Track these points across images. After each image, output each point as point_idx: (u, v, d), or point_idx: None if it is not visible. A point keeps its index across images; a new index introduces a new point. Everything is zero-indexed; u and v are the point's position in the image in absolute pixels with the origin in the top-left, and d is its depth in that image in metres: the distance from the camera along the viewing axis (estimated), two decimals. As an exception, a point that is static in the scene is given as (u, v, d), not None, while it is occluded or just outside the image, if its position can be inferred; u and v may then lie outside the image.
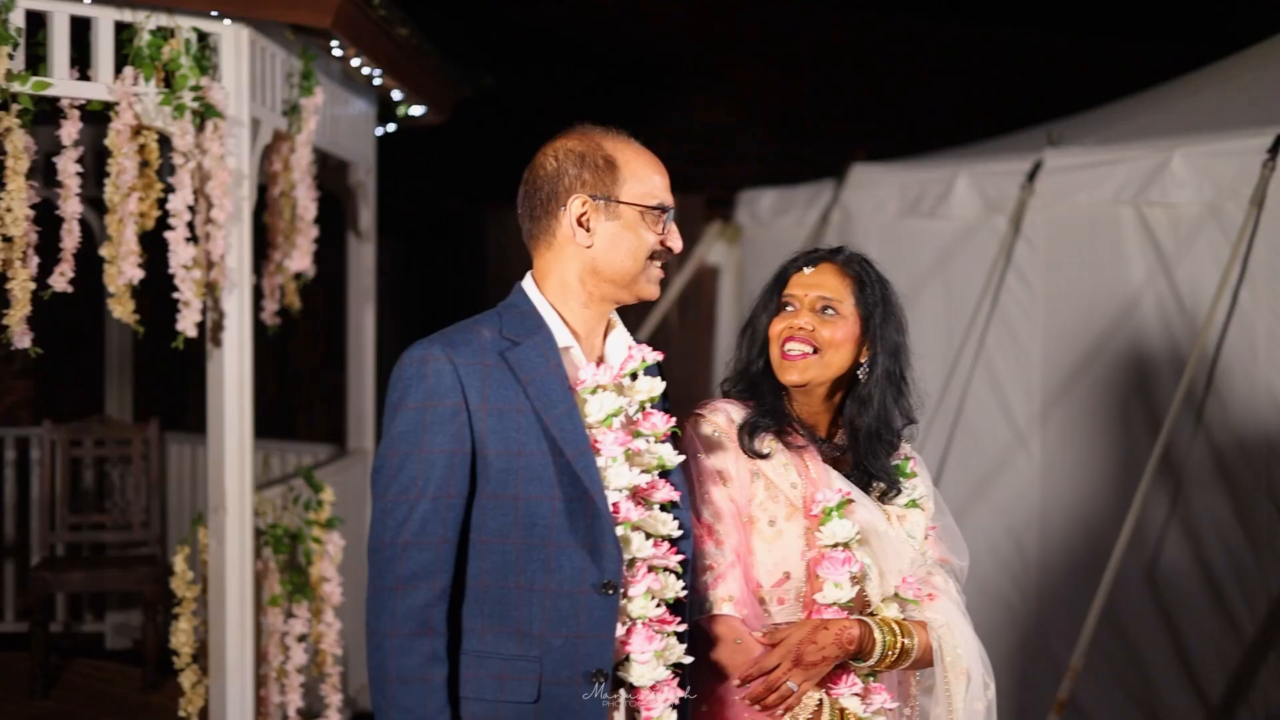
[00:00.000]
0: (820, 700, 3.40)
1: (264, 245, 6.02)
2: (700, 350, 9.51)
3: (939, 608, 3.54)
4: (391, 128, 7.35)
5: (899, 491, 3.61)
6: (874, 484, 3.59)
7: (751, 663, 3.36)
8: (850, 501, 3.45)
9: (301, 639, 5.65)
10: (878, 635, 3.43)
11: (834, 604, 3.41)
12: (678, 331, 9.39)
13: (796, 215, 8.73)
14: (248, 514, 5.30)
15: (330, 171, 6.86)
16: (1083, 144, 7.29)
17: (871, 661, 3.43)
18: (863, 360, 3.54)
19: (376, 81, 6.55)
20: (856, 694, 3.45)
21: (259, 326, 5.72)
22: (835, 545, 3.42)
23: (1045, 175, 7.21)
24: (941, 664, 3.51)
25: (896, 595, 3.54)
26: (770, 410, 3.52)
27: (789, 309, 3.54)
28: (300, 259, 5.97)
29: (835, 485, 3.47)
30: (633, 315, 7.98)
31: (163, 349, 5.24)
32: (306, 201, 5.91)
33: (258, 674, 5.47)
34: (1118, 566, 6.21)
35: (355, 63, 6.20)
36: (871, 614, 3.50)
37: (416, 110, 7.16)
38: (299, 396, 10.83)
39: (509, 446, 3.01)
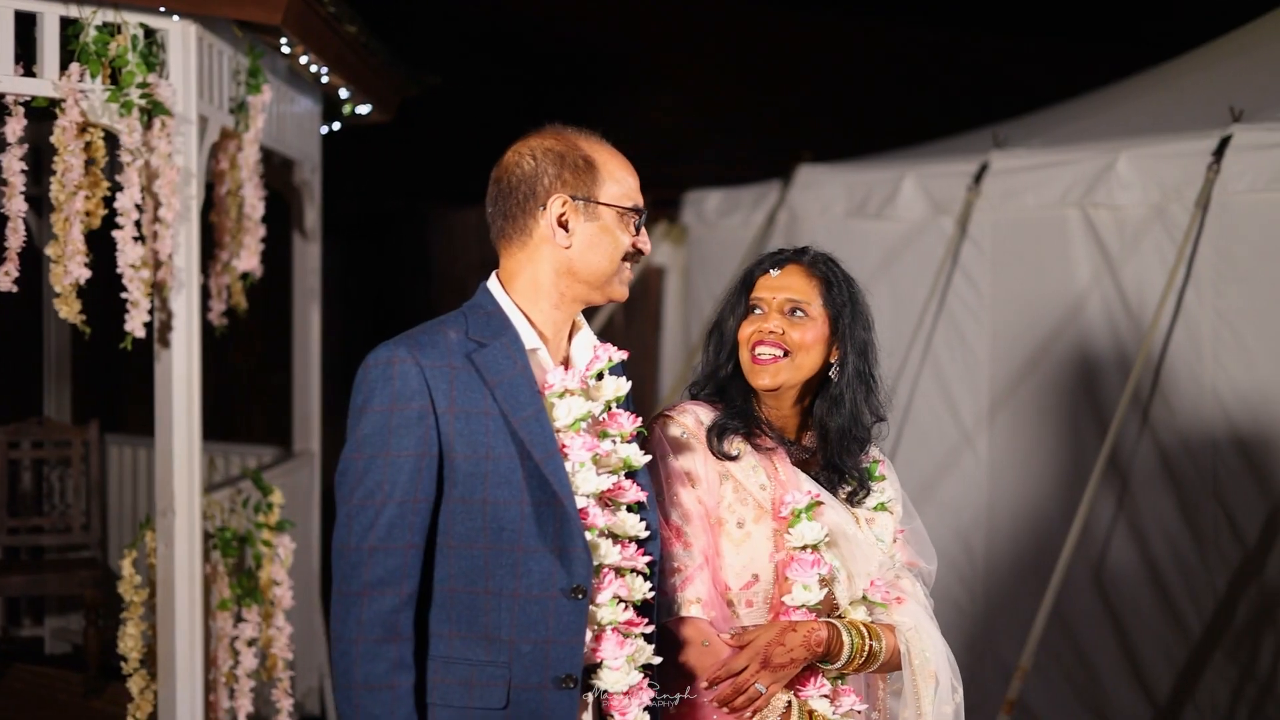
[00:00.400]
0: (789, 702, 3.39)
1: (209, 245, 5.95)
2: (647, 351, 9.48)
3: (907, 611, 3.53)
4: (336, 126, 7.28)
5: (868, 492, 3.60)
6: (842, 485, 3.58)
7: (719, 664, 3.34)
8: (819, 504, 3.44)
9: (251, 643, 5.58)
10: (845, 638, 3.41)
11: (803, 606, 3.40)
12: (623, 332, 9.36)
13: (743, 216, 8.72)
14: (196, 517, 5.23)
15: (274, 170, 6.80)
16: (1028, 146, 7.34)
17: (839, 664, 3.42)
18: (833, 360, 3.53)
19: (324, 79, 6.48)
20: (825, 696, 3.43)
21: (206, 327, 5.65)
22: (804, 547, 3.41)
23: (992, 177, 7.25)
24: (910, 667, 3.50)
25: (865, 598, 3.53)
26: (739, 413, 3.51)
27: (757, 312, 3.53)
28: (248, 258, 5.90)
29: (804, 487, 3.47)
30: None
31: (101, 350, 5.17)
32: (254, 200, 5.84)
33: (207, 679, 5.41)
34: (1066, 566, 6.24)
35: (303, 60, 6.14)
36: (840, 616, 3.49)
37: (363, 109, 7.09)
38: (236, 398, 10.74)
39: (477, 450, 2.97)
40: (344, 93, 6.85)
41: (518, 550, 2.97)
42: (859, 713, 3.52)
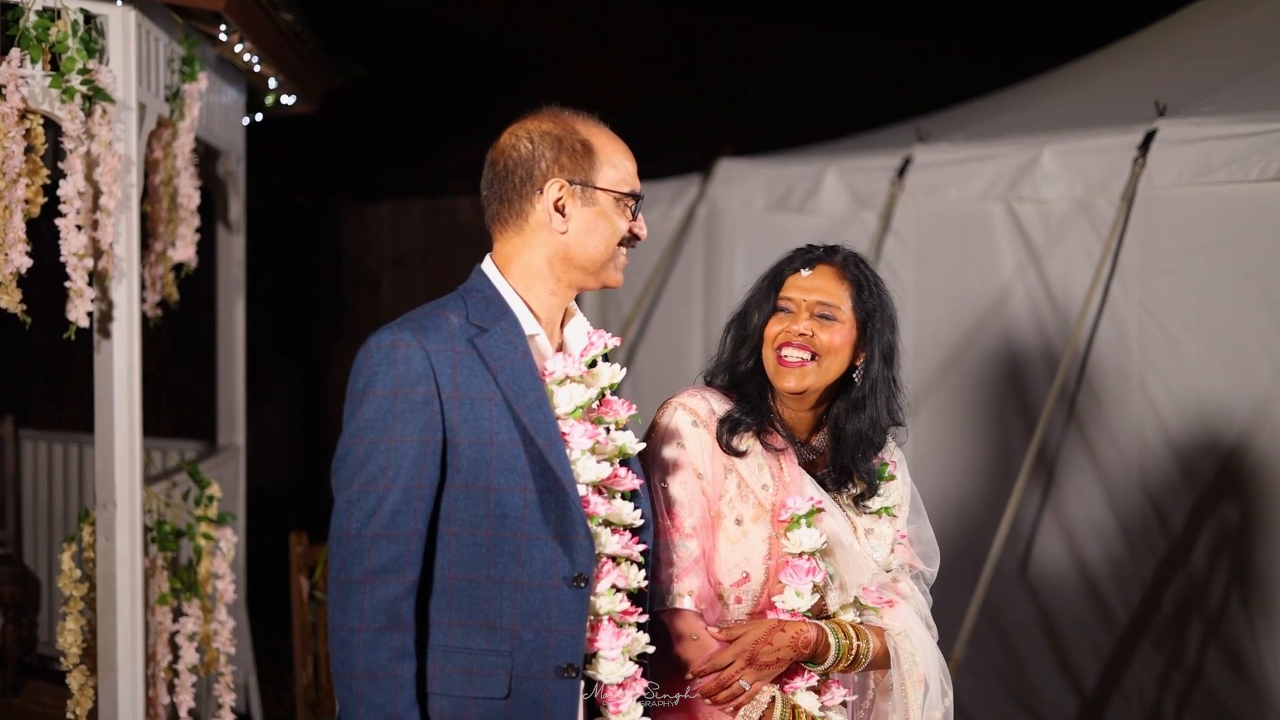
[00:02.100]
0: (773, 697, 3.40)
1: (143, 235, 5.85)
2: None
3: (898, 614, 3.53)
4: (259, 117, 7.19)
5: (875, 493, 3.59)
6: (849, 486, 3.56)
7: (706, 659, 3.34)
8: (820, 510, 3.42)
9: (191, 638, 5.50)
10: (833, 640, 3.41)
11: (794, 611, 3.40)
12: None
13: (662, 210, 8.69)
14: (137, 510, 5.14)
15: (199, 161, 6.70)
16: (952, 140, 7.35)
17: (826, 665, 3.42)
18: (857, 363, 3.51)
19: (256, 68, 6.40)
20: (812, 688, 3.44)
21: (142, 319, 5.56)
22: (801, 554, 3.40)
23: (915, 171, 7.26)
24: (899, 671, 3.50)
25: (856, 601, 3.52)
26: (753, 409, 3.48)
27: (786, 311, 3.50)
28: (183, 249, 5.82)
29: (808, 492, 3.45)
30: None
31: (10, 344, 5.08)
32: (189, 190, 5.77)
33: (146, 674, 5.32)
34: (996, 560, 6.27)
35: (238, 49, 6.06)
36: (828, 617, 3.48)
37: (288, 99, 7.01)
38: (145, 395, 10.55)
39: (480, 436, 2.95)
40: (273, 83, 6.77)
41: (520, 537, 2.95)
42: (846, 705, 3.52)
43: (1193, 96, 6.49)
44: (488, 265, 3.17)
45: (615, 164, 3.14)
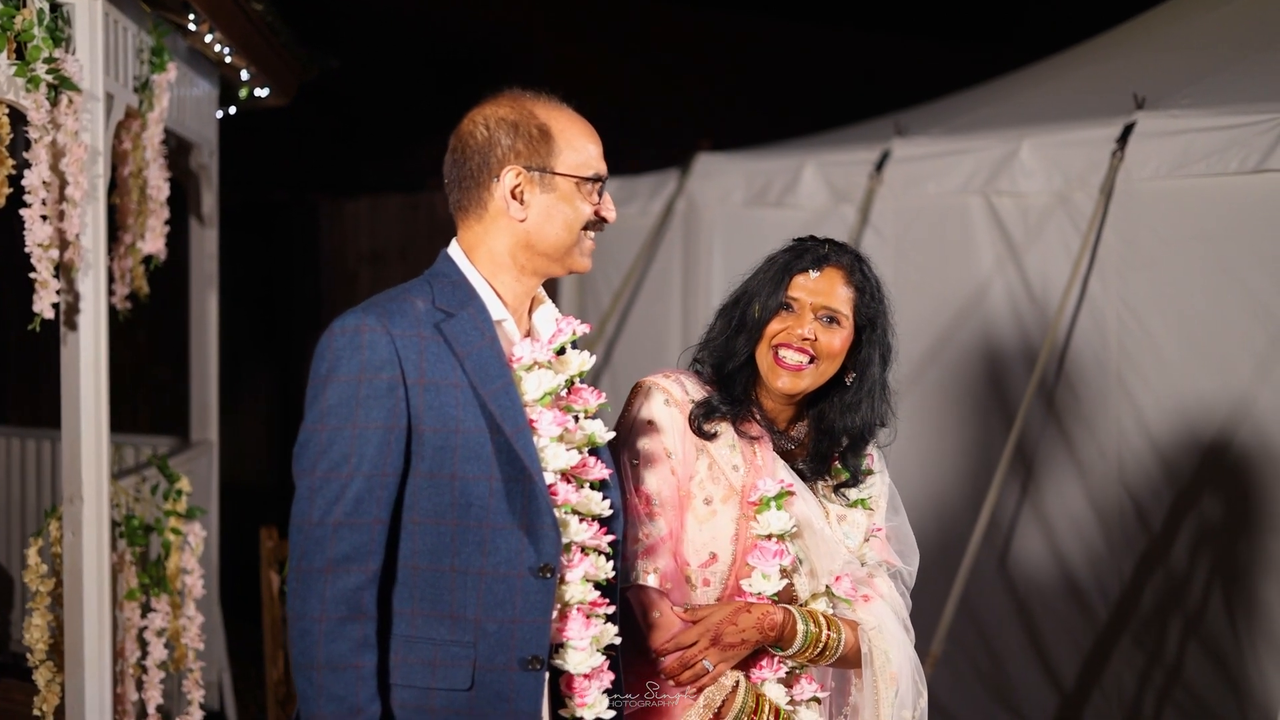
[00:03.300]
0: (737, 682, 3.36)
1: (111, 228, 5.79)
2: (544, 342, 9.36)
3: (873, 610, 3.50)
4: (233, 110, 7.13)
5: (856, 485, 3.57)
6: (827, 476, 3.55)
7: (669, 637, 3.31)
8: (790, 493, 3.41)
9: (160, 634, 5.44)
10: (800, 625, 3.38)
11: (760, 594, 3.38)
12: (519, 321, 9.26)
13: (640, 205, 8.65)
14: (105, 504, 5.08)
15: (172, 154, 6.64)
16: (930, 134, 7.33)
17: (792, 650, 3.39)
18: (848, 363, 3.51)
19: (227, 59, 6.34)
20: (781, 680, 3.40)
21: (110, 311, 5.50)
22: (769, 536, 3.38)
23: (893, 165, 7.23)
24: (870, 667, 3.47)
25: (829, 591, 3.49)
26: (734, 400, 3.47)
27: (790, 310, 3.47)
28: (153, 241, 5.76)
29: (779, 475, 3.43)
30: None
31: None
32: (158, 182, 5.71)
33: (114, 670, 5.26)
34: (974, 555, 6.24)
35: (208, 39, 6.00)
36: (799, 605, 3.45)
37: (261, 92, 6.95)
38: (121, 391, 10.50)
39: (446, 423, 2.89)
40: (245, 74, 6.71)
41: (485, 527, 2.90)
42: (819, 701, 3.48)
43: (1171, 89, 6.47)
44: (454, 250, 3.11)
45: (575, 147, 3.08)
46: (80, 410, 5.04)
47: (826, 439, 3.52)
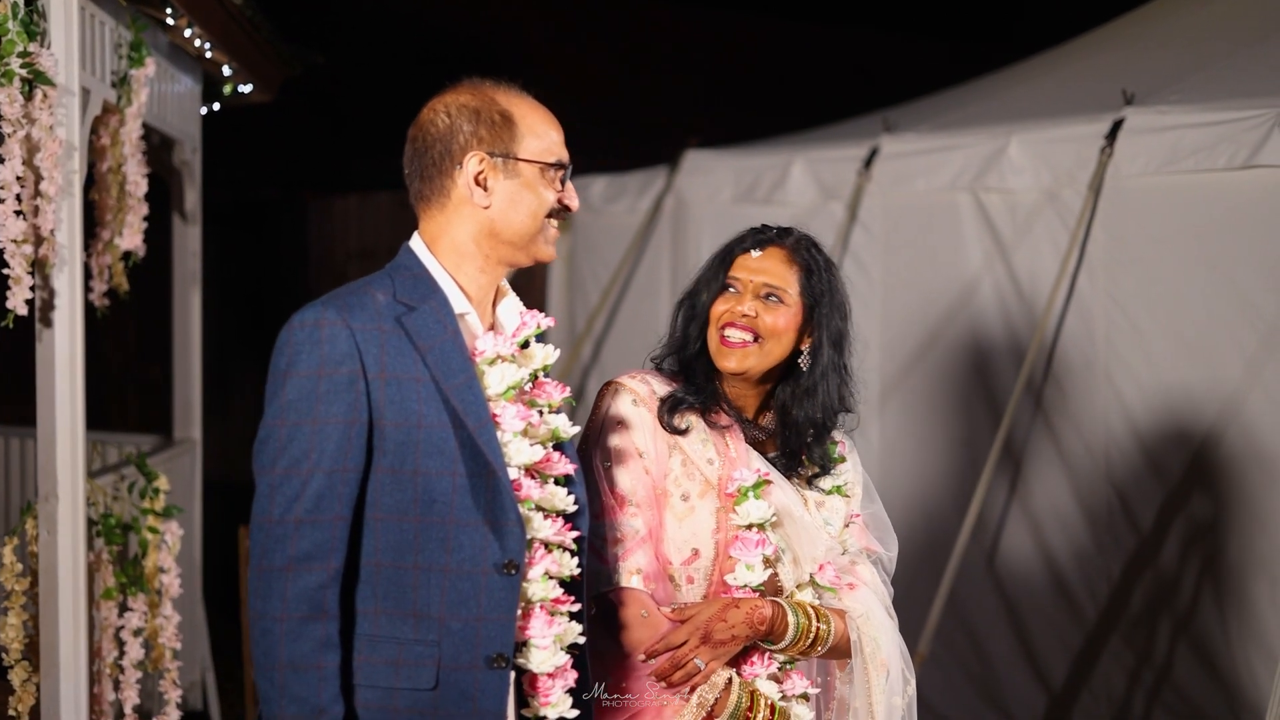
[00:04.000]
0: (730, 679, 3.33)
1: (90, 224, 5.75)
2: (531, 339, 9.33)
3: (858, 597, 3.47)
4: (217, 106, 7.09)
5: (826, 474, 3.54)
6: (800, 469, 3.51)
7: (658, 638, 3.27)
8: (767, 483, 3.38)
9: (137, 633, 5.40)
10: (791, 617, 3.35)
11: (745, 586, 3.34)
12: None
13: (629, 202, 8.63)
14: (80, 502, 5.03)
15: (154, 151, 6.60)
16: (918, 130, 7.31)
17: (784, 644, 3.35)
18: (803, 348, 3.47)
19: (208, 54, 6.30)
20: (773, 676, 3.37)
21: (88, 308, 5.46)
22: (750, 526, 3.35)
23: (882, 161, 7.22)
24: (861, 655, 3.44)
25: (813, 581, 3.46)
26: (697, 389, 3.44)
27: (732, 291, 3.46)
28: (130, 237, 5.71)
29: (754, 465, 3.40)
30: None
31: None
32: (136, 177, 5.66)
33: (91, 670, 5.22)
34: (961, 554, 6.22)
35: (187, 33, 5.96)
36: (786, 598, 3.42)
37: (245, 88, 6.91)
38: (111, 389, 10.48)
39: (408, 418, 2.84)
40: (226, 70, 6.66)
41: (449, 523, 2.85)
42: (808, 697, 3.45)
43: (1160, 85, 6.45)
44: (415, 242, 3.06)
45: (538, 133, 3.04)
46: (56, 408, 5.00)
47: (792, 431, 3.49)
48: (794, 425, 3.48)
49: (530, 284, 9.53)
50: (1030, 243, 6.58)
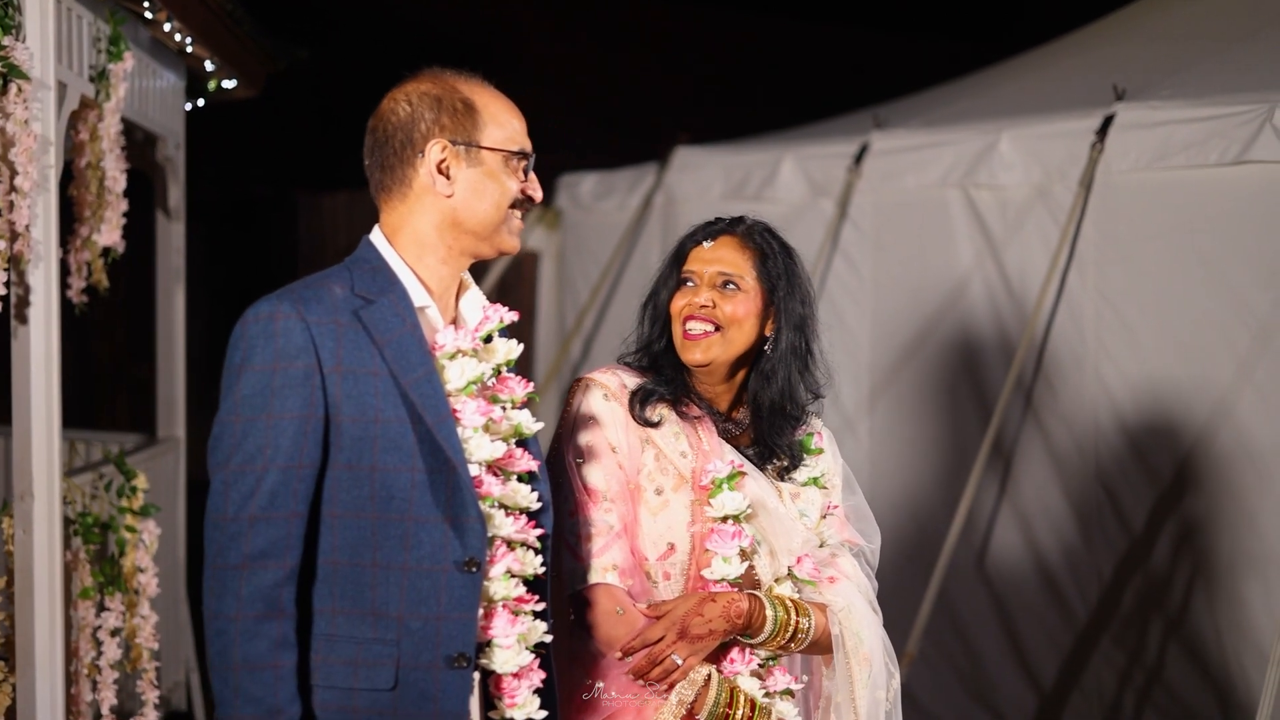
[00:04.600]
0: (709, 675, 3.28)
1: (69, 221, 5.69)
2: (521, 338, 9.23)
3: (840, 591, 3.42)
4: (201, 102, 7.03)
5: (798, 467, 3.49)
6: (773, 461, 3.47)
7: (635, 634, 3.23)
8: (741, 474, 3.34)
9: (115, 633, 5.35)
10: (769, 611, 3.30)
11: (722, 580, 3.30)
12: (497, 318, 9.19)
13: (619, 199, 8.60)
14: (56, 501, 4.98)
15: (137, 147, 6.54)
16: (909, 127, 7.28)
17: (762, 638, 3.31)
18: (768, 334, 3.43)
19: (189, 49, 6.24)
20: (755, 673, 3.33)
21: (66, 305, 5.41)
22: (725, 518, 3.32)
23: (872, 158, 7.20)
24: (843, 649, 3.39)
25: (791, 575, 3.41)
26: (668, 382, 3.41)
27: (689, 285, 3.43)
28: (109, 233, 5.65)
29: (727, 457, 3.37)
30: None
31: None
32: (115, 173, 5.60)
33: (68, 671, 5.17)
34: (950, 553, 6.19)
35: (167, 27, 5.90)
36: (765, 591, 3.37)
37: (228, 83, 6.86)
38: (100, 388, 10.45)
39: (365, 413, 2.79)
40: (209, 65, 6.61)
41: (408, 520, 2.79)
42: (793, 693, 3.40)
43: (1152, 80, 6.42)
44: (375, 234, 3.01)
45: (500, 122, 2.99)
46: (31, 405, 4.95)
47: (757, 416, 3.45)
48: (761, 411, 3.44)
49: (519, 282, 9.49)
50: (1021, 239, 6.55)
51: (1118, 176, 6.15)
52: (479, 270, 9.04)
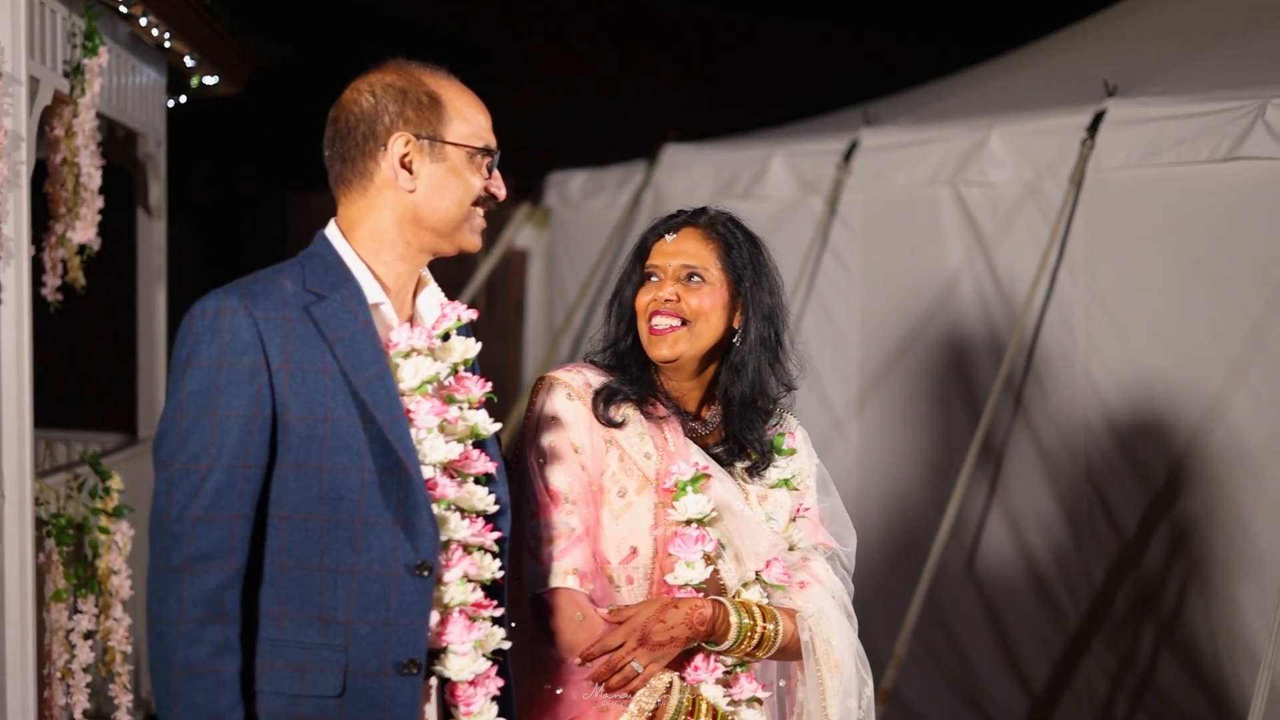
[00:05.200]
0: (670, 682, 3.20)
1: (44, 218, 5.62)
2: (510, 336, 9.28)
3: (810, 596, 3.35)
4: (183, 99, 6.96)
5: (769, 465, 3.42)
6: (743, 458, 3.39)
7: (595, 640, 3.16)
8: (706, 476, 3.26)
9: (88, 636, 5.28)
10: (733, 618, 3.22)
11: (686, 585, 3.23)
12: (485, 317, 9.13)
13: (607, 197, 8.55)
14: (28, 502, 4.92)
15: (118, 145, 6.49)
16: (898, 124, 7.23)
17: (727, 645, 3.23)
18: (736, 326, 3.35)
19: (167, 44, 6.18)
20: (720, 680, 3.26)
21: (41, 304, 5.34)
22: (689, 521, 3.23)
23: (861, 155, 7.15)
24: (813, 656, 3.31)
25: (760, 579, 3.34)
26: (633, 380, 3.33)
27: (653, 279, 3.35)
28: (84, 230, 5.58)
29: (692, 459, 3.28)
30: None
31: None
32: (90, 169, 5.53)
33: (41, 674, 5.10)
34: (939, 554, 6.13)
35: (143, 22, 5.84)
36: (732, 597, 3.30)
37: (209, 80, 6.79)
38: (87, 388, 10.39)
39: (314, 411, 2.71)
40: (189, 61, 6.54)
41: (357, 522, 2.71)
42: (760, 700, 3.32)
43: (1142, 77, 6.38)
44: (331, 229, 2.94)
45: (466, 118, 2.91)
46: (2, 405, 4.88)
47: (732, 413, 3.37)
48: (731, 405, 3.37)
49: (508, 281, 9.44)
50: (1011, 238, 6.50)
51: (1108, 173, 6.10)
52: (468, 268, 9.02)
